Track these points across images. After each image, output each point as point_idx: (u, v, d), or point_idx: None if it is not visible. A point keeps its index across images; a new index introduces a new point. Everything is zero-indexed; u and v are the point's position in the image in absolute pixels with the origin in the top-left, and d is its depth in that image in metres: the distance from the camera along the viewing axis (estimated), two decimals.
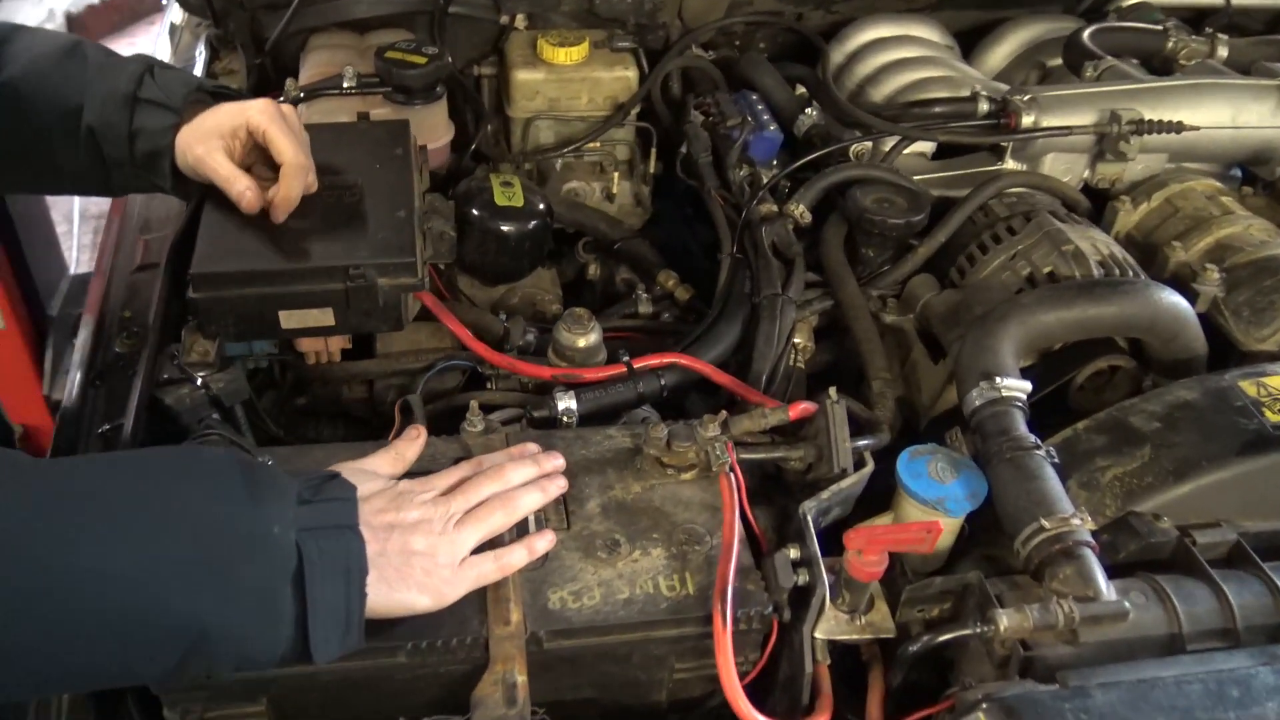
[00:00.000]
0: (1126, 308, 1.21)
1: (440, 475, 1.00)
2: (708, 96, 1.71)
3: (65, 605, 0.70)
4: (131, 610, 0.72)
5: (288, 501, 0.80)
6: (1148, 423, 1.14)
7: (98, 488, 0.74)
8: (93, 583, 0.70)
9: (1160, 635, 0.96)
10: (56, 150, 1.15)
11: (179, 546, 0.74)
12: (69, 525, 0.70)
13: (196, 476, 0.78)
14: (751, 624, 0.97)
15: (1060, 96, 1.53)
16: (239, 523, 0.76)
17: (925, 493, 1.08)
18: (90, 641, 0.72)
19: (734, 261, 1.42)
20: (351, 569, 0.82)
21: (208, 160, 1.14)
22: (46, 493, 0.72)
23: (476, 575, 0.93)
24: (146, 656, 0.75)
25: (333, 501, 0.83)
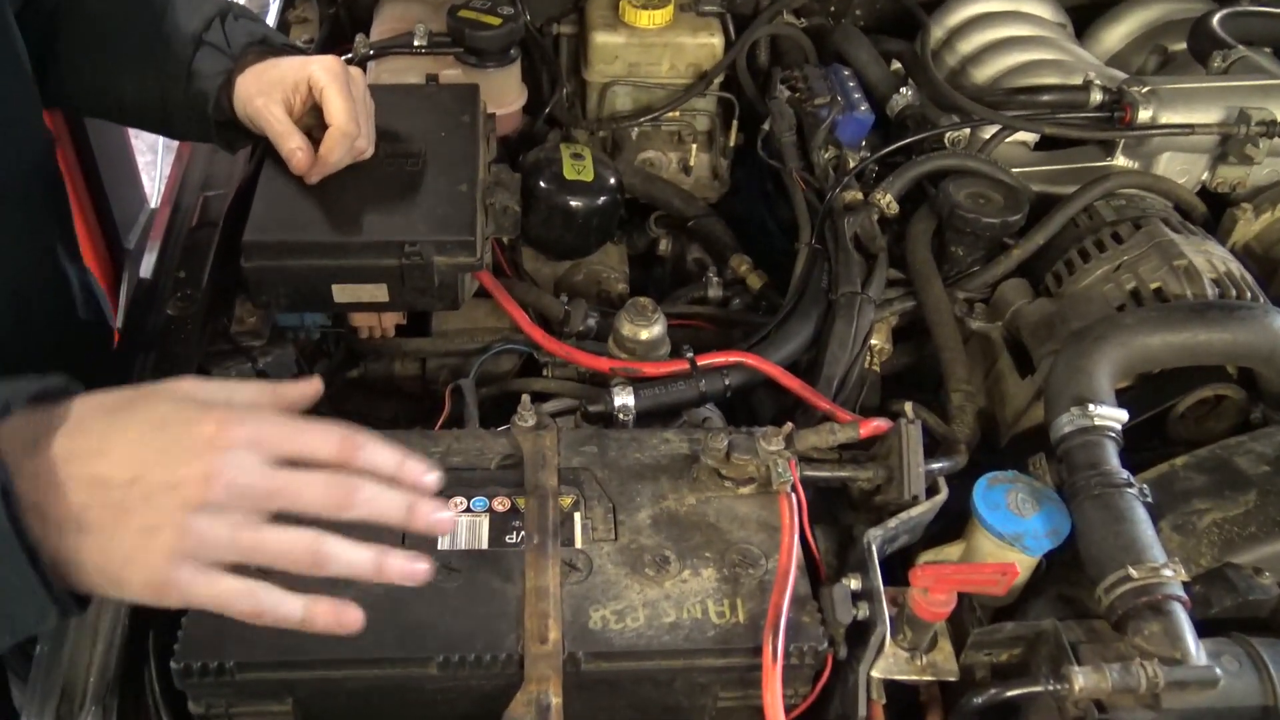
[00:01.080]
0: (1242, 335, 1.10)
1: (294, 429, 0.70)
2: (796, 70, 1.62)
3: None
4: None
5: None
6: (1255, 465, 1.05)
7: None
8: None
9: (1252, 708, 0.88)
10: (125, 79, 1.15)
11: None
12: None
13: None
14: (804, 659, 0.91)
15: (1182, 90, 1.41)
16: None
17: (1002, 527, 1.00)
18: None
19: (812, 252, 1.34)
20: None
21: (265, 112, 1.10)
22: None
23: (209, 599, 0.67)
24: None
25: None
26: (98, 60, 1.15)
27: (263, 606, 0.69)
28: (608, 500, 0.99)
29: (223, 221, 1.26)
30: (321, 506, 0.69)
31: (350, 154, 1.14)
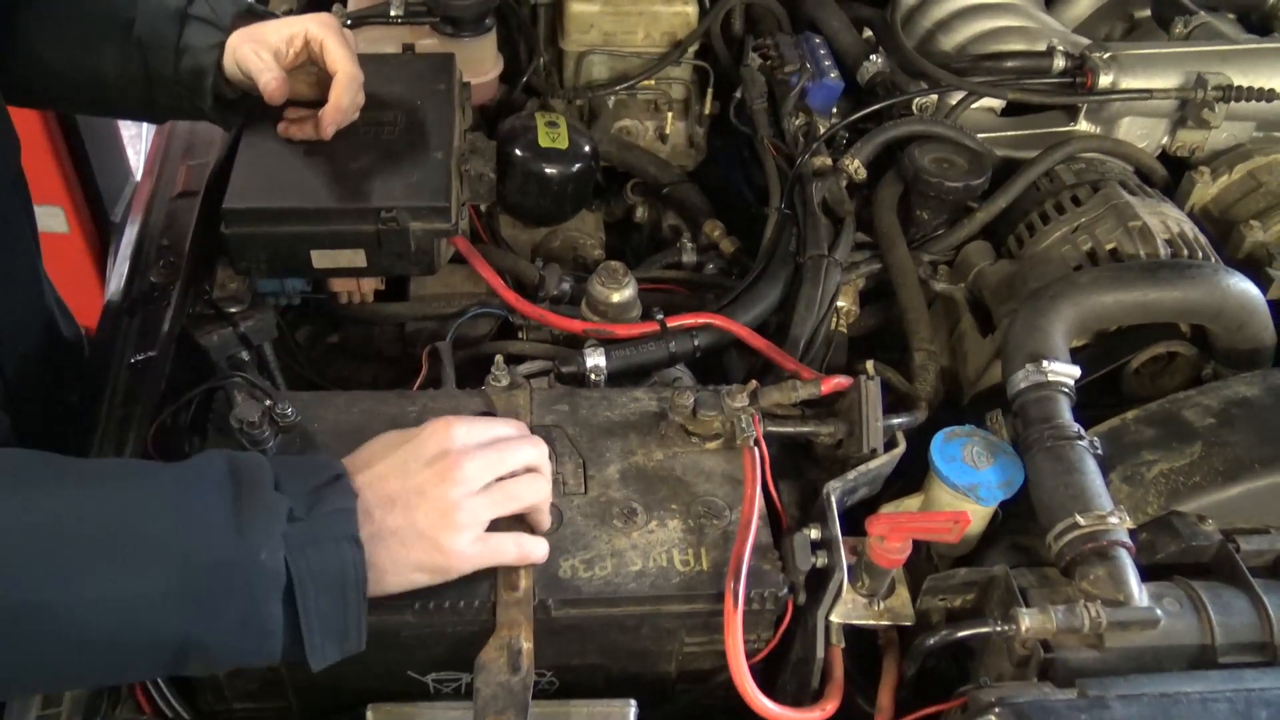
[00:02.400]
0: (1192, 293, 1.14)
1: (483, 424, 0.92)
2: (768, 38, 1.64)
3: (54, 629, 0.72)
4: (118, 635, 0.73)
5: (276, 523, 0.77)
6: (1202, 418, 1.08)
7: (86, 516, 0.74)
8: (80, 610, 0.71)
9: (1191, 646, 0.92)
10: (104, 64, 1.14)
11: (163, 578, 0.73)
12: (59, 555, 0.71)
13: (185, 505, 0.76)
14: (765, 604, 0.95)
15: (1143, 55, 1.44)
16: (223, 552, 0.74)
17: (957, 478, 1.04)
18: (80, 659, 0.74)
19: (781, 217, 1.37)
20: (347, 581, 0.79)
21: (251, 56, 1.12)
22: (40, 517, 0.72)
23: (490, 554, 0.87)
24: (136, 669, 0.79)
25: (329, 514, 0.79)
26: (68, 46, 1.13)
27: (534, 553, 0.90)
28: (578, 456, 1.03)
29: (204, 189, 1.28)
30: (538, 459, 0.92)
31: (359, 101, 1.16)
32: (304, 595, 0.76)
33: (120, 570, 0.72)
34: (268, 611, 0.76)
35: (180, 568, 0.73)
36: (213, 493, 0.77)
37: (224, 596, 0.74)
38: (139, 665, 0.78)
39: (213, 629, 0.75)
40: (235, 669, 0.93)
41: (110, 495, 0.75)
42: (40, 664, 0.74)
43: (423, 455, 0.86)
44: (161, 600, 0.73)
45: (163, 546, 0.74)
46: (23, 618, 0.71)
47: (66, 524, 0.73)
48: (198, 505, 0.76)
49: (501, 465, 0.88)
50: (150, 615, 0.73)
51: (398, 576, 0.84)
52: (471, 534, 0.86)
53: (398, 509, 0.83)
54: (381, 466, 0.85)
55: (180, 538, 0.74)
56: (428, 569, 0.85)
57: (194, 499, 0.76)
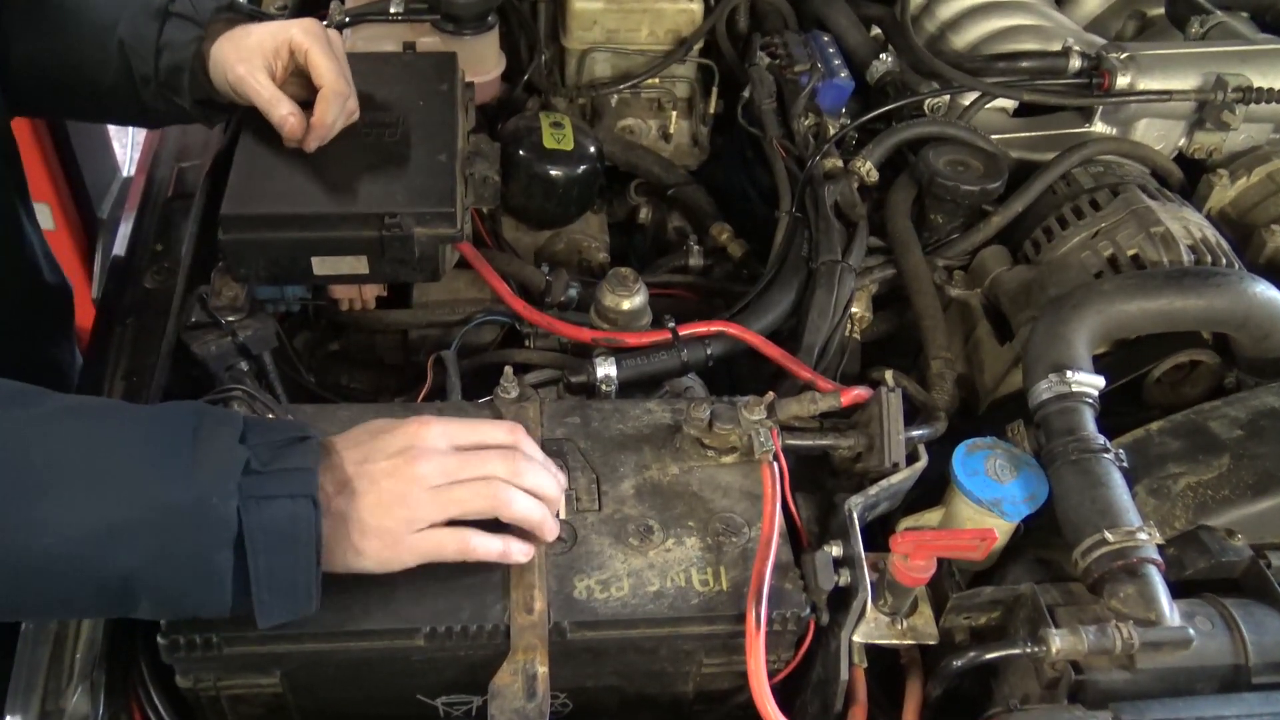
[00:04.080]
0: (1217, 301, 1.11)
1: (471, 426, 0.91)
2: (776, 36, 1.61)
3: (11, 547, 0.73)
4: (63, 562, 0.74)
5: (232, 471, 0.77)
6: (1229, 429, 1.06)
7: (46, 442, 0.76)
8: (28, 531, 0.73)
9: (1224, 666, 0.90)
10: (90, 68, 1.11)
11: (113, 510, 0.74)
12: (12, 475, 0.73)
13: (145, 443, 0.77)
14: (787, 625, 0.92)
15: (1160, 56, 1.41)
16: (174, 490, 0.75)
17: (981, 492, 1.02)
18: (33, 579, 0.75)
19: (792, 221, 1.34)
20: (299, 539, 0.78)
21: (249, 80, 1.08)
22: (13, 441, 0.75)
23: (430, 549, 0.86)
24: (85, 599, 0.78)
25: (288, 471, 0.79)
26: (59, 53, 1.11)
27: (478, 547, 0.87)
28: (591, 471, 1.00)
29: (199, 193, 1.24)
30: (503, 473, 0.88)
31: (344, 115, 1.12)
32: (253, 547, 0.77)
33: (72, 497, 0.74)
34: (216, 559, 0.76)
35: (131, 503, 0.75)
36: (175, 436, 0.78)
37: (173, 538, 0.75)
38: (83, 597, 0.78)
39: (160, 570, 0.76)
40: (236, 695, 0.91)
41: (75, 426, 0.77)
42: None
43: (390, 447, 0.86)
44: (109, 533, 0.74)
45: (116, 480, 0.75)
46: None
47: (25, 446, 0.74)
48: (158, 446, 0.77)
49: (461, 471, 0.87)
50: (97, 546, 0.74)
51: (340, 556, 0.84)
52: (409, 529, 0.85)
53: (347, 491, 0.83)
54: (352, 450, 0.86)
55: (135, 474, 0.76)
56: (366, 555, 0.84)
57: (155, 439, 0.77)
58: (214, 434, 0.79)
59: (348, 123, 1.14)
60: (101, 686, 0.88)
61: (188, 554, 0.76)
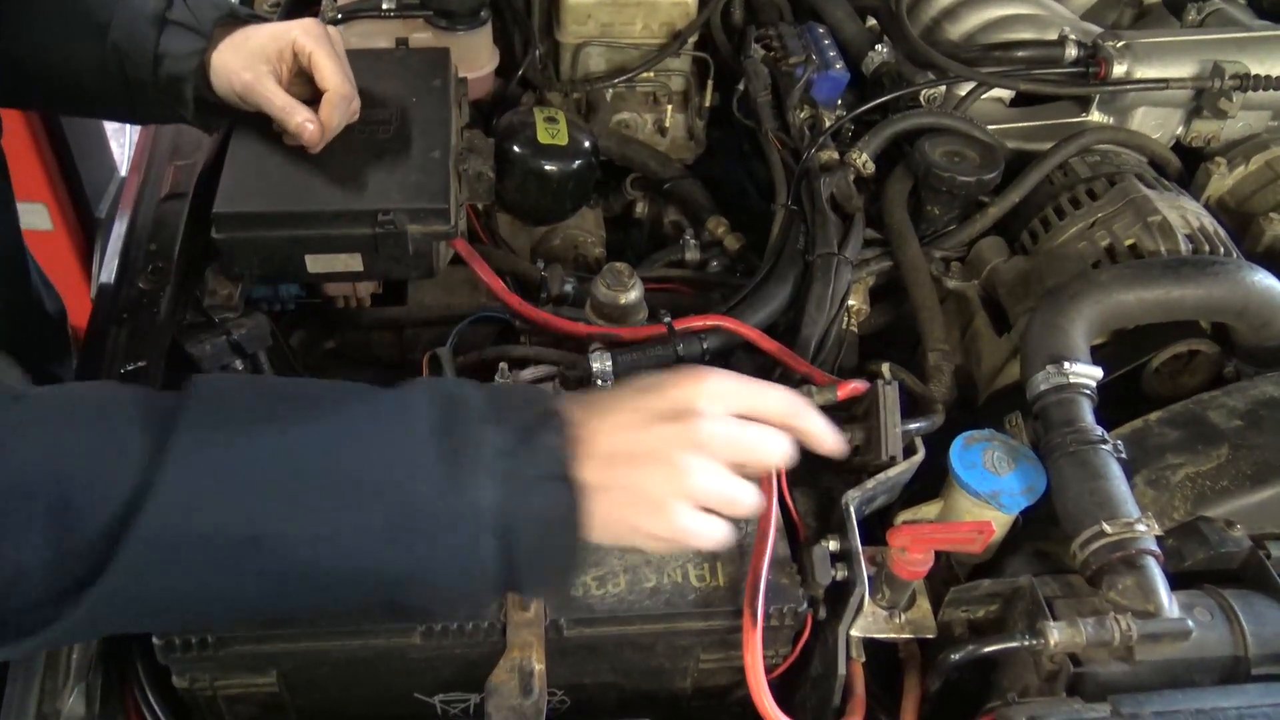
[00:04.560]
0: (1215, 290, 1.11)
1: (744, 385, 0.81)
2: (770, 28, 1.60)
3: (270, 569, 0.72)
4: (330, 571, 0.73)
5: (487, 462, 0.73)
6: (1228, 419, 1.06)
7: (297, 455, 0.73)
8: (291, 551, 0.71)
9: (1223, 657, 0.90)
10: (81, 68, 1.09)
11: (377, 517, 0.72)
12: (274, 492, 0.71)
13: (397, 443, 0.74)
14: (784, 620, 0.92)
15: (1157, 44, 1.40)
16: (435, 491, 0.73)
17: (978, 485, 1.01)
18: (296, 596, 0.75)
19: (788, 214, 1.34)
20: (555, 519, 0.74)
21: (258, 88, 1.07)
22: (250, 462, 0.72)
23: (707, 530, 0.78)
24: (346, 600, 0.78)
25: (539, 450, 0.75)
26: (43, 48, 1.09)
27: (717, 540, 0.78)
28: None
29: (193, 192, 1.24)
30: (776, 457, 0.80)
31: (351, 116, 1.12)
32: (515, 534, 0.73)
33: (335, 508, 0.72)
34: (481, 549, 0.73)
35: (394, 507, 0.73)
36: (423, 429, 0.74)
37: (437, 535, 0.73)
38: (350, 597, 0.78)
39: (428, 566, 0.74)
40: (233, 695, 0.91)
41: (324, 432, 0.74)
42: (258, 601, 0.75)
43: (662, 407, 0.78)
44: (375, 539, 0.72)
45: (376, 486, 0.73)
46: (238, 552, 0.70)
47: (282, 461, 0.72)
48: (409, 443, 0.74)
49: (746, 449, 0.78)
50: (364, 553, 0.72)
51: (612, 532, 0.77)
52: (698, 513, 0.77)
53: (622, 463, 0.76)
54: (615, 415, 0.78)
55: (394, 477, 0.73)
56: (645, 534, 0.77)
57: (404, 436, 0.74)
58: (461, 419, 0.75)
59: (349, 122, 1.14)
60: (98, 688, 0.88)
61: (454, 549, 0.73)
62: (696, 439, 0.76)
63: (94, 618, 0.69)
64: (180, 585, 0.71)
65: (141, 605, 0.72)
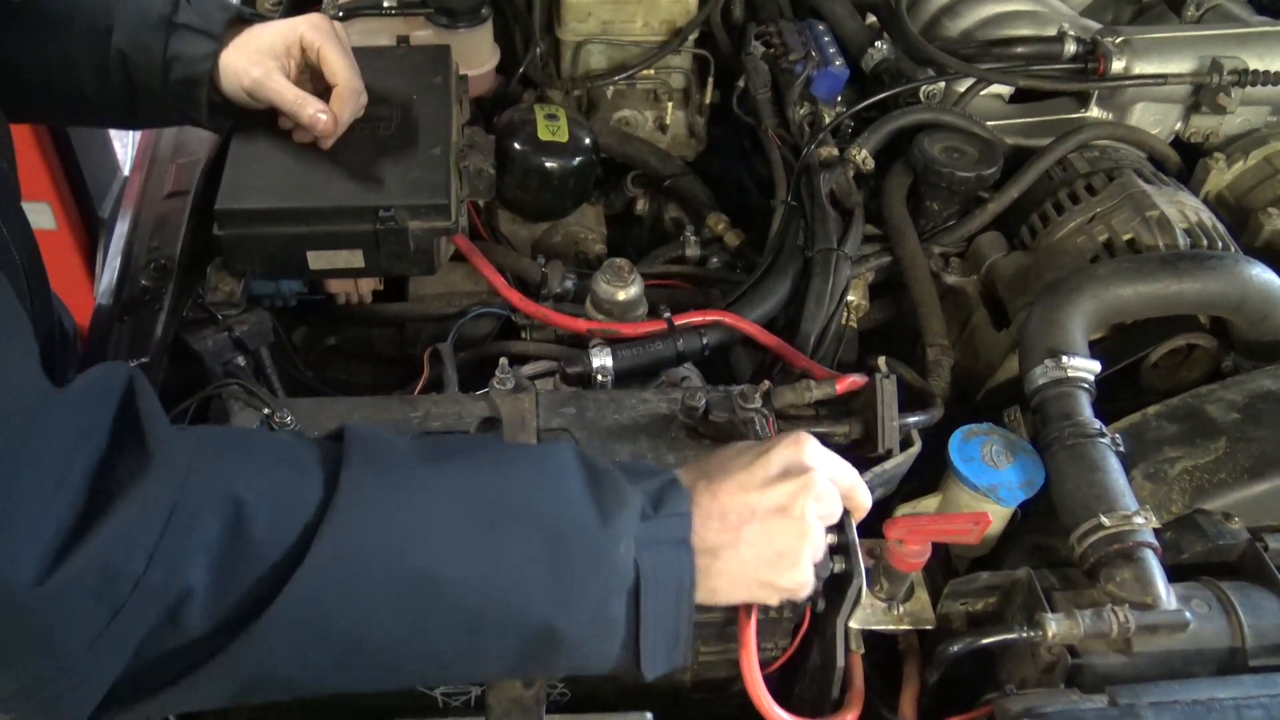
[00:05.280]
0: (1213, 285, 1.11)
1: (848, 470, 0.86)
2: (770, 25, 1.61)
3: (432, 611, 0.72)
4: (486, 610, 0.73)
5: (632, 516, 0.75)
6: (1225, 413, 1.06)
7: (463, 498, 0.74)
8: (456, 593, 0.71)
9: (1221, 649, 0.90)
10: (82, 75, 1.08)
11: (533, 558, 0.73)
12: (432, 527, 0.72)
13: (549, 486, 0.75)
14: (782, 612, 0.92)
15: (1156, 40, 1.40)
16: (588, 539, 0.74)
17: (977, 478, 1.02)
18: (449, 643, 0.74)
19: (788, 209, 1.34)
20: (682, 586, 0.77)
21: (268, 83, 1.07)
22: (420, 502, 0.72)
23: (823, 570, 0.83)
24: (494, 654, 0.76)
25: (670, 516, 0.77)
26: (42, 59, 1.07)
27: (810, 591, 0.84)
28: None
29: (195, 189, 1.24)
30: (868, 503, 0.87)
31: (359, 111, 1.12)
32: (646, 596, 0.75)
33: (502, 544, 0.72)
34: (614, 608, 0.75)
35: (555, 551, 0.73)
36: (576, 478, 0.76)
37: (585, 586, 0.74)
38: (495, 653, 0.76)
39: (571, 618, 0.74)
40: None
41: (490, 471, 0.75)
42: (418, 641, 0.73)
43: (772, 467, 0.81)
44: (535, 582, 0.73)
45: (542, 528, 0.73)
46: (406, 585, 0.70)
47: (455, 499, 0.73)
48: (567, 490, 0.75)
49: (851, 486, 0.85)
50: (524, 596, 0.72)
51: (735, 592, 0.81)
52: (815, 558, 0.82)
53: (748, 521, 0.79)
54: (727, 479, 0.81)
55: (557, 520, 0.74)
56: (772, 587, 0.81)
57: (564, 481, 0.76)
58: (608, 477, 0.77)
59: (357, 117, 1.14)
60: None
61: (594, 603, 0.74)
62: (816, 492, 0.80)
63: (248, 660, 0.67)
64: (346, 627, 0.70)
65: (303, 652, 0.69)
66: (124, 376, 0.70)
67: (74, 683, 0.64)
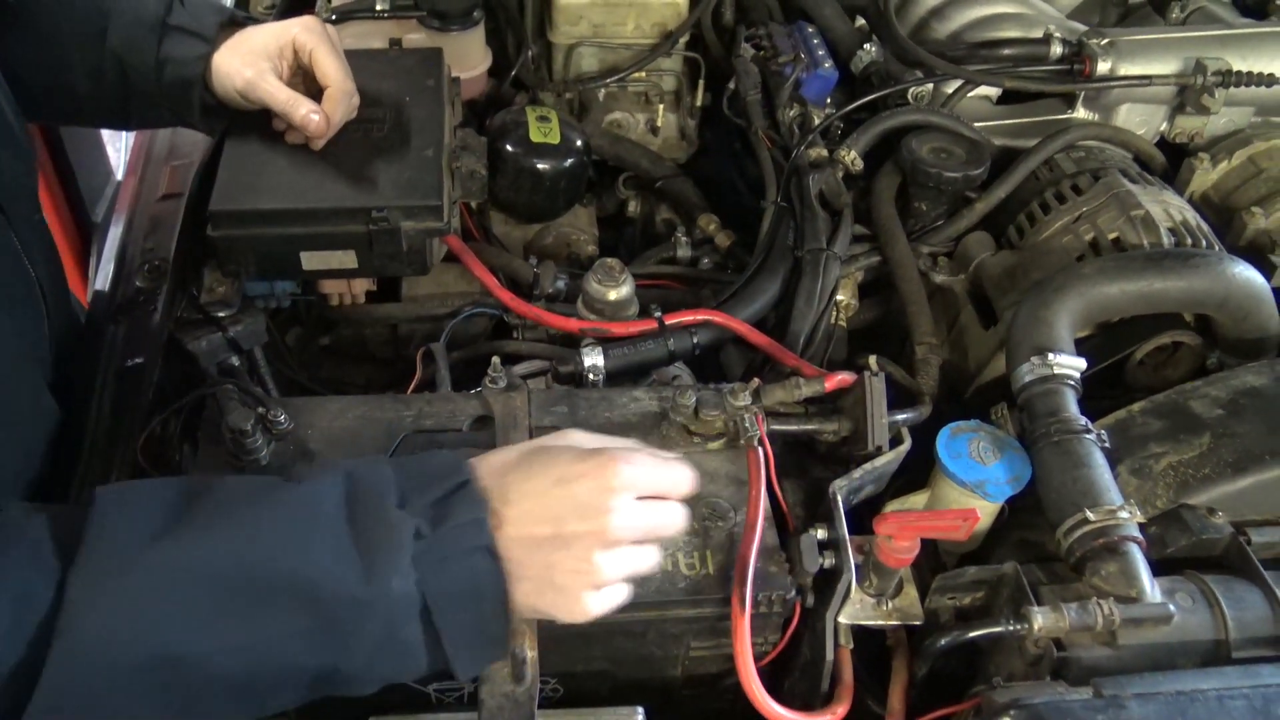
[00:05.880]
0: (1197, 283, 1.12)
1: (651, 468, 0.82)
2: (760, 28, 1.62)
3: (191, 687, 0.71)
4: (253, 674, 0.72)
5: (403, 547, 0.73)
6: (1209, 409, 1.07)
7: (205, 573, 0.72)
8: (211, 666, 0.71)
9: (1205, 641, 0.91)
10: (76, 76, 1.09)
11: (291, 619, 0.72)
12: (190, 607, 0.71)
13: (309, 544, 0.73)
14: (773, 607, 0.93)
15: (1141, 41, 1.42)
16: (353, 589, 0.72)
17: (965, 475, 1.03)
18: (216, 706, 0.73)
19: (778, 210, 1.35)
20: (483, 595, 0.76)
21: (260, 84, 1.08)
22: (155, 583, 0.71)
23: (611, 603, 0.82)
24: (275, 703, 0.76)
25: (457, 527, 0.75)
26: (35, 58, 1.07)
27: None
28: None
29: (189, 191, 1.25)
30: (676, 531, 0.83)
31: (351, 112, 1.13)
32: (440, 614, 0.74)
33: (252, 616, 0.71)
34: (406, 635, 0.74)
35: (311, 608, 0.72)
36: (334, 524, 0.74)
37: (358, 629, 0.73)
38: (277, 700, 0.76)
39: (351, 659, 0.74)
40: None
41: (234, 538, 0.73)
42: (192, 713, 0.73)
43: (575, 500, 0.79)
44: (295, 640, 0.72)
45: (292, 590, 0.72)
46: (160, 670, 0.70)
47: (192, 574, 0.71)
48: (321, 542, 0.73)
49: (652, 529, 0.81)
50: (285, 656, 0.72)
51: (527, 610, 0.80)
52: (604, 593, 0.81)
53: (536, 549, 0.78)
54: (529, 501, 0.78)
55: (309, 579, 0.72)
56: (549, 613, 0.80)
57: (316, 535, 0.74)
58: (374, 509, 0.75)
59: (349, 118, 1.15)
60: None
61: (377, 639, 0.73)
62: (607, 539, 0.78)
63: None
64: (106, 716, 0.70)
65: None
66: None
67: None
